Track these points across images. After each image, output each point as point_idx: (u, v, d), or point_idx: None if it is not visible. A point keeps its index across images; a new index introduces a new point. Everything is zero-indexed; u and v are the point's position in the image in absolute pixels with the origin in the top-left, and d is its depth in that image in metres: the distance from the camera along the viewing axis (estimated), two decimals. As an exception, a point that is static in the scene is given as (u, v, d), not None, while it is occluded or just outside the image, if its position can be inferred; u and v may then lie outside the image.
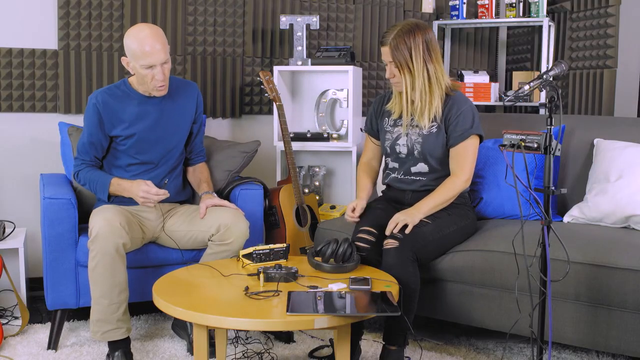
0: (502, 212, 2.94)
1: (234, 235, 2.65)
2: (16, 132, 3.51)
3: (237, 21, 3.91)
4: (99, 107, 2.71)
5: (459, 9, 4.22)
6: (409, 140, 2.68)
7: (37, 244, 3.50)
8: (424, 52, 2.58)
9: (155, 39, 2.62)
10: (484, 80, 4.27)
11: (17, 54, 3.46)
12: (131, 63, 2.67)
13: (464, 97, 2.70)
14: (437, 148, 2.66)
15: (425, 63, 2.58)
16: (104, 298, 2.50)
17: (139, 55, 2.61)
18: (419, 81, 2.59)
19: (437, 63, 2.62)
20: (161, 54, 2.62)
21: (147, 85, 2.70)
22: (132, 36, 2.63)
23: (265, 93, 3.49)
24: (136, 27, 2.67)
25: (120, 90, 2.78)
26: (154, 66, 2.63)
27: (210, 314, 1.95)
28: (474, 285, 2.61)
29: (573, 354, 2.73)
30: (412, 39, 2.56)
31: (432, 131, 2.65)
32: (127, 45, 2.65)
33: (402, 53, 2.56)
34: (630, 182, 2.70)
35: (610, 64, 3.75)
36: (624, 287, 2.31)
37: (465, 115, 2.63)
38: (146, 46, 2.59)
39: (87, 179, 2.74)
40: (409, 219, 2.51)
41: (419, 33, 2.57)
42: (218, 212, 2.73)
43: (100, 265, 2.48)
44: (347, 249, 2.37)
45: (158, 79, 2.66)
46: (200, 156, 3.03)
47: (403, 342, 2.45)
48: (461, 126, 2.62)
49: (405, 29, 2.58)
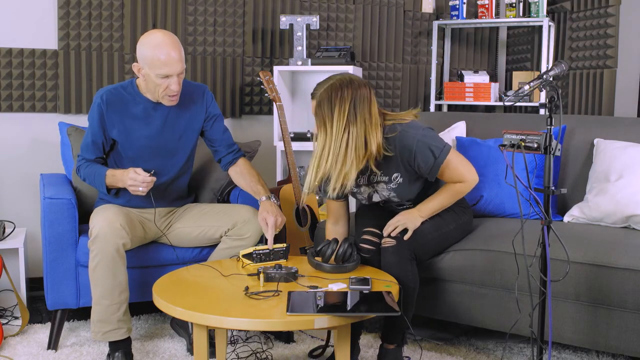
0: (502, 210, 2.94)
1: (252, 230, 2.66)
2: (16, 132, 3.51)
3: (237, 21, 3.91)
4: (102, 106, 2.64)
5: (459, 9, 4.22)
6: (382, 196, 2.57)
7: (37, 244, 3.50)
8: (351, 112, 2.30)
9: (173, 47, 2.52)
10: (484, 80, 4.27)
11: (17, 54, 3.46)
12: (144, 70, 2.56)
13: (404, 135, 2.40)
14: (414, 192, 2.54)
15: (347, 124, 2.30)
16: (105, 298, 2.50)
17: (155, 64, 2.50)
18: (335, 141, 2.32)
19: (364, 121, 2.32)
20: (178, 64, 2.53)
21: (157, 94, 2.61)
22: (147, 44, 2.53)
23: (265, 93, 3.49)
24: (151, 34, 2.57)
25: (127, 92, 2.69)
26: (170, 76, 2.54)
27: (210, 314, 1.95)
28: (474, 284, 2.61)
29: (573, 354, 2.73)
30: (339, 96, 2.31)
31: (399, 182, 2.49)
32: (141, 53, 2.54)
33: (324, 110, 2.32)
34: (630, 182, 2.70)
35: (610, 64, 3.75)
36: (624, 287, 2.31)
37: (419, 154, 2.40)
38: (162, 55, 2.49)
39: (87, 173, 2.68)
40: (409, 223, 2.46)
41: (349, 90, 2.31)
42: (233, 209, 2.75)
43: (101, 266, 2.48)
44: (347, 249, 2.37)
45: (173, 89, 2.56)
46: (233, 151, 2.83)
47: (401, 340, 2.44)
48: (425, 165, 2.41)
49: (337, 84, 2.33)
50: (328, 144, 2.33)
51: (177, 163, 2.77)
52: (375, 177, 2.50)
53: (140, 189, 2.54)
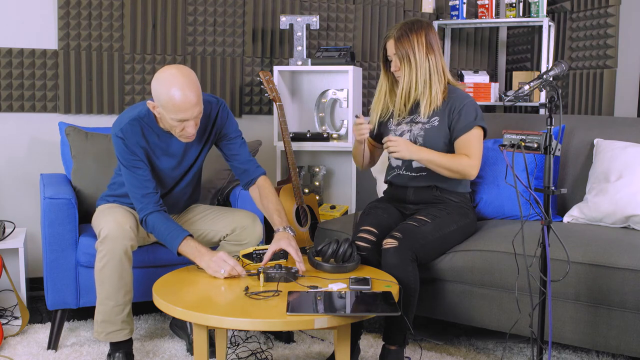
0: (502, 212, 2.94)
1: (250, 237, 2.65)
2: (16, 132, 3.51)
3: (237, 21, 3.91)
4: (125, 141, 2.46)
5: (459, 9, 4.22)
6: (412, 135, 2.70)
7: (37, 244, 3.50)
8: (427, 45, 2.64)
9: (189, 88, 2.32)
10: (484, 80, 4.27)
11: (17, 54, 3.46)
12: (158, 109, 2.39)
13: (465, 93, 2.73)
14: (439, 141, 2.67)
15: (427, 54, 2.64)
16: (110, 299, 2.49)
17: (170, 108, 2.33)
18: (420, 72, 2.64)
19: (440, 56, 2.69)
20: (195, 109, 2.34)
21: (173, 132, 2.46)
22: (162, 83, 2.33)
23: (265, 93, 3.49)
24: (166, 71, 2.35)
25: (145, 122, 2.51)
26: (187, 120, 2.37)
27: (210, 314, 1.95)
28: (474, 285, 2.61)
29: (573, 354, 2.73)
30: (414, 31, 2.64)
31: (434, 124, 2.67)
32: (156, 92, 2.36)
33: (405, 43, 2.63)
34: (630, 182, 2.70)
35: (610, 64, 3.75)
36: (624, 287, 2.31)
37: (467, 108, 2.65)
38: (178, 99, 2.31)
39: (159, 227, 2.46)
40: (403, 148, 2.56)
41: (421, 27, 2.66)
42: (233, 213, 2.73)
43: (109, 267, 2.46)
44: (347, 249, 2.37)
45: (189, 131, 2.40)
46: (251, 165, 2.67)
47: (403, 341, 2.44)
48: (464, 119, 2.64)
49: (409, 23, 2.68)
50: (414, 73, 2.64)
51: (189, 177, 2.71)
52: (419, 116, 2.70)
53: (222, 271, 2.30)
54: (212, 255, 2.31)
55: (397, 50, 2.65)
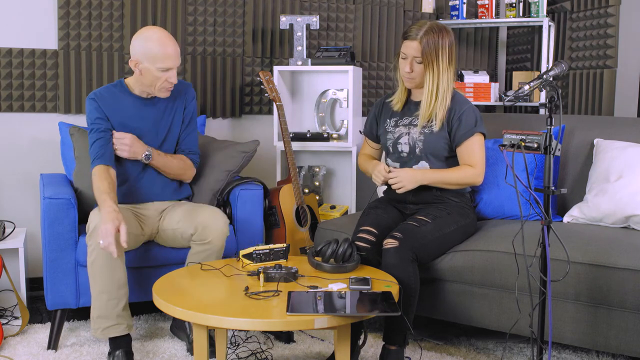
0: (502, 212, 2.94)
1: (212, 235, 2.62)
2: (16, 132, 3.51)
3: (237, 21, 3.91)
4: (97, 102, 2.74)
5: (459, 9, 4.22)
6: (411, 139, 2.69)
7: (37, 244, 3.50)
8: (449, 54, 2.61)
9: (172, 42, 2.68)
10: (484, 80, 4.27)
11: (17, 54, 3.46)
12: (142, 64, 2.67)
13: (464, 98, 2.72)
14: (438, 146, 2.67)
15: (448, 65, 2.61)
16: (104, 293, 2.50)
17: (159, 57, 2.64)
18: (442, 81, 2.60)
19: (454, 68, 2.67)
20: (178, 57, 2.70)
21: (154, 87, 2.72)
22: (149, 39, 2.65)
23: (265, 93, 3.49)
24: (149, 30, 2.70)
25: (117, 90, 2.80)
26: (171, 69, 2.67)
27: (210, 314, 1.95)
28: (474, 285, 2.61)
29: (573, 354, 2.73)
30: (441, 38, 2.58)
31: (434, 130, 2.66)
32: (144, 48, 2.65)
33: (432, 51, 2.57)
34: (630, 182, 2.70)
35: (610, 64, 3.75)
36: (624, 287, 2.31)
37: (467, 114, 2.65)
38: (165, 49, 2.64)
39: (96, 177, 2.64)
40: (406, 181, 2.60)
41: (447, 35, 2.60)
42: (196, 211, 2.71)
43: (99, 260, 2.48)
44: (347, 249, 2.37)
45: (172, 81, 2.71)
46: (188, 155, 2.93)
47: (403, 341, 2.45)
48: (464, 125, 2.64)
49: (436, 28, 2.60)
50: (436, 81, 2.60)
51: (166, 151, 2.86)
52: (418, 119, 2.69)
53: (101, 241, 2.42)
54: (105, 223, 2.41)
55: (422, 54, 2.58)
